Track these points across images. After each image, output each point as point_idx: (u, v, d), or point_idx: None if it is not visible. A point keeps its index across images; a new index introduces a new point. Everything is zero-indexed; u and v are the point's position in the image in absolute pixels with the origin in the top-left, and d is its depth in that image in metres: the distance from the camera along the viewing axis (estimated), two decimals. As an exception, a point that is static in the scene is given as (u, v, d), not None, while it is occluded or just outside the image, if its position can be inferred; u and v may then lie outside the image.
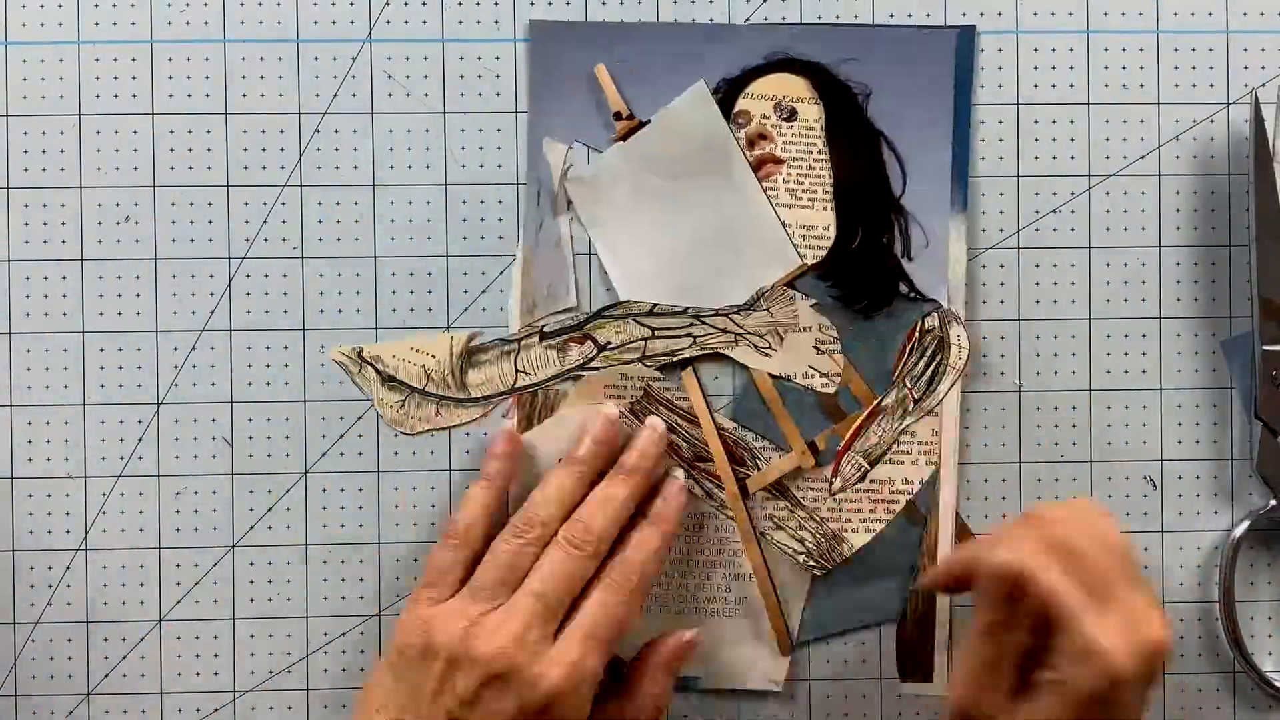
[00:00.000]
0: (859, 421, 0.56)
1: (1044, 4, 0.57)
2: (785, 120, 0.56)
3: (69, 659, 0.56)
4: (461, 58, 0.56)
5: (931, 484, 0.56)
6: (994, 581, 0.46)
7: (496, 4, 0.56)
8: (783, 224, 0.56)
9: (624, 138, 0.56)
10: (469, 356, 0.56)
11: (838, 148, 0.56)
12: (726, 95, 0.56)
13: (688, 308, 0.56)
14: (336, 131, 0.56)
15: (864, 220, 0.56)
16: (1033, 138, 0.57)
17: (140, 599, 0.56)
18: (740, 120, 0.56)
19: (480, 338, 0.56)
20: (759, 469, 0.56)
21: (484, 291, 0.56)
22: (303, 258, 0.56)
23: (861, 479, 0.56)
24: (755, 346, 0.56)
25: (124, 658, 0.56)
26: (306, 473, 0.56)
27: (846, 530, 0.56)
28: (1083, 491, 0.57)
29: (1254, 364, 0.56)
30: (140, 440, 0.56)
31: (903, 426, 0.56)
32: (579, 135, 0.56)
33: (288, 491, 0.56)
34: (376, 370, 0.56)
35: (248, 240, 0.56)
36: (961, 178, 0.56)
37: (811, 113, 0.56)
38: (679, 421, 0.56)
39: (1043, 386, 0.57)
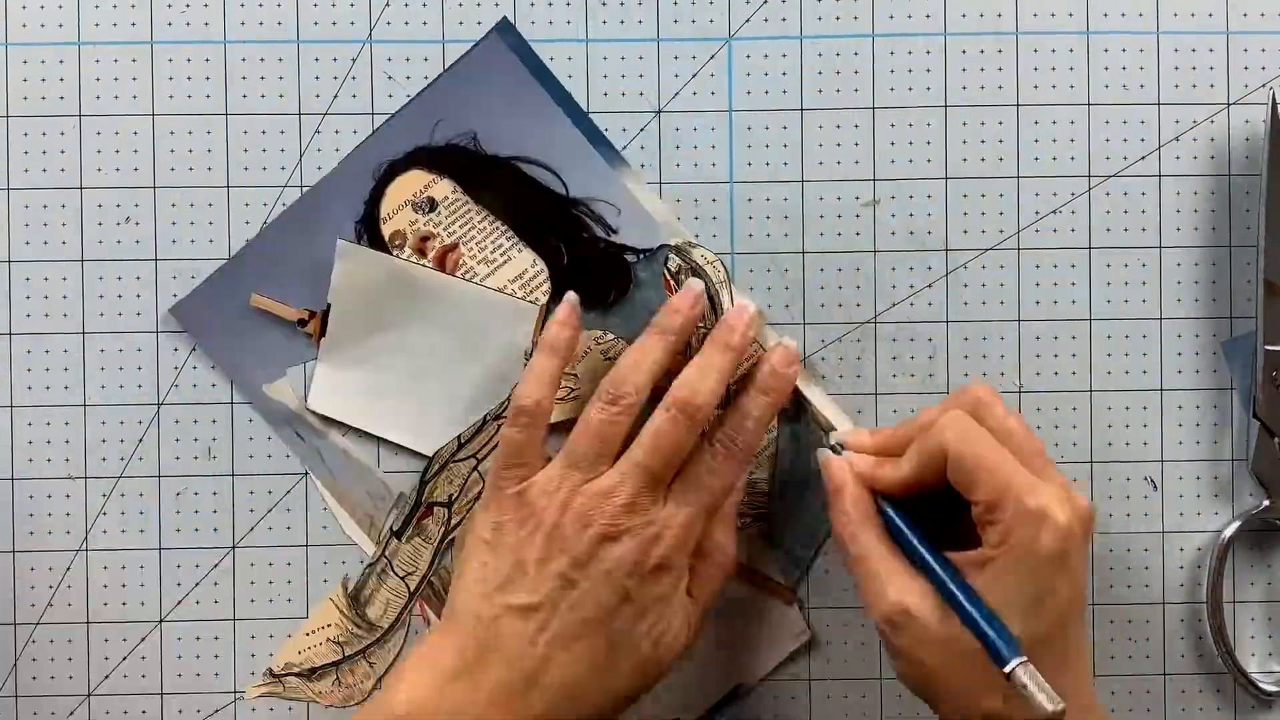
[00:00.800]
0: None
1: (1044, 4, 0.57)
2: (430, 212, 0.55)
3: (69, 659, 0.56)
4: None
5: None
6: (933, 461, 0.47)
7: (497, 5, 0.56)
8: (498, 289, 0.55)
9: (321, 337, 0.55)
10: (356, 599, 0.56)
11: (487, 199, 0.56)
12: (369, 231, 0.55)
13: (485, 417, 0.55)
14: (337, 132, 0.56)
15: (557, 236, 0.56)
16: (1033, 138, 0.57)
17: (141, 600, 0.56)
18: (397, 242, 0.55)
19: (352, 576, 0.56)
20: None
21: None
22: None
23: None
24: (579, 399, 0.55)
25: (124, 658, 0.56)
26: (307, 473, 0.56)
27: (754, 474, 0.56)
28: (1083, 492, 0.56)
29: (1254, 363, 0.56)
30: (140, 441, 0.56)
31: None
32: (284, 362, 0.56)
33: (288, 493, 0.56)
34: (296, 675, 0.56)
35: (248, 241, 0.56)
36: (601, 142, 0.55)
37: (444, 190, 0.56)
38: None
39: (1043, 387, 0.57)
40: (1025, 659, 0.43)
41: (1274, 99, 0.55)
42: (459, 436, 0.56)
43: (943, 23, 0.57)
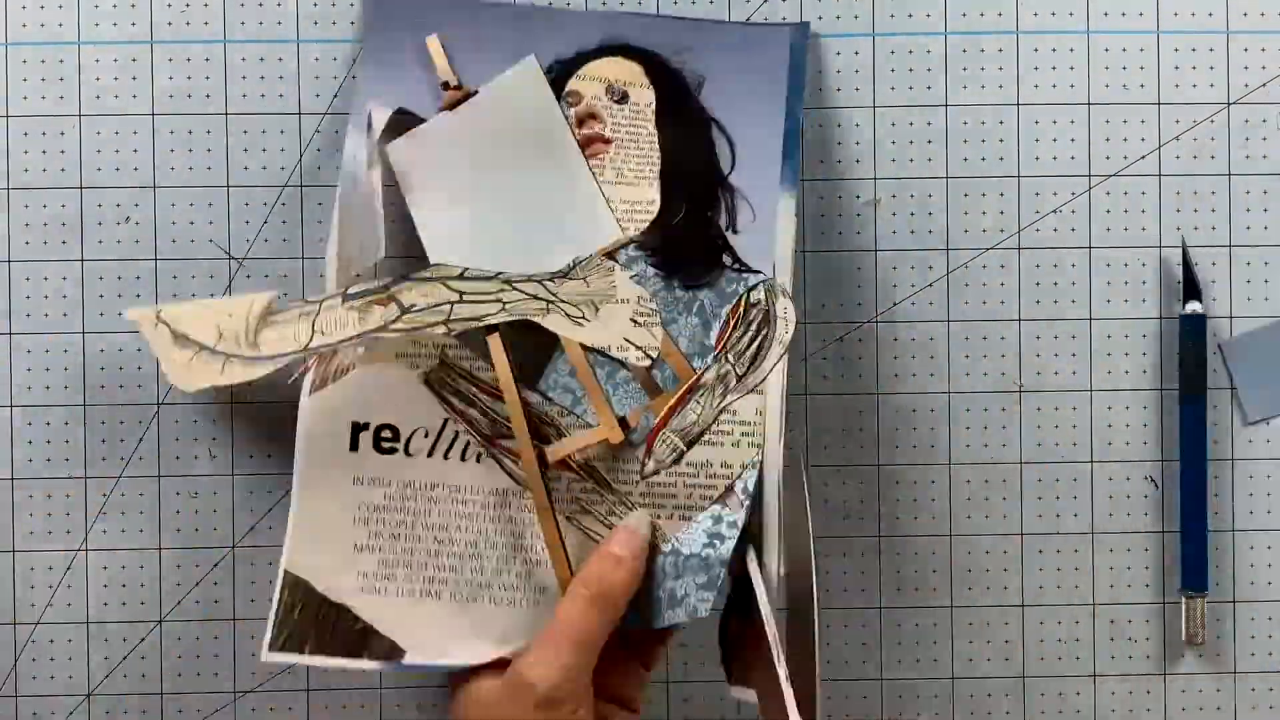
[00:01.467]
0: (676, 398, 0.52)
1: (1044, 4, 0.57)
2: (616, 102, 0.55)
3: (69, 659, 0.56)
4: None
5: (752, 467, 0.51)
6: None
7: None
8: (606, 199, 0.55)
9: (451, 108, 0.55)
10: (266, 317, 0.52)
11: (667, 131, 0.55)
12: (559, 75, 0.55)
13: (499, 273, 0.53)
14: (337, 132, 0.56)
15: (689, 195, 0.55)
16: (1033, 138, 0.57)
17: (140, 599, 0.56)
18: (571, 100, 0.55)
19: (282, 299, 0.53)
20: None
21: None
22: (303, 258, 0.56)
23: (677, 460, 0.51)
24: (568, 315, 0.53)
25: (124, 658, 0.56)
26: (307, 473, 0.56)
27: (661, 515, 0.51)
28: (1084, 492, 0.57)
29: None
30: (140, 441, 0.56)
31: (723, 405, 0.52)
32: (405, 102, 0.55)
33: (288, 493, 0.56)
34: (170, 329, 0.52)
35: (248, 241, 0.56)
36: (792, 157, 0.54)
37: (643, 96, 0.55)
38: (476, 393, 0.52)
39: (1043, 387, 0.57)
40: None
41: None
42: (464, 270, 0.53)
43: (943, 22, 0.57)
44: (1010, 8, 0.57)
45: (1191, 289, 0.56)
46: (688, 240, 0.54)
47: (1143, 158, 0.57)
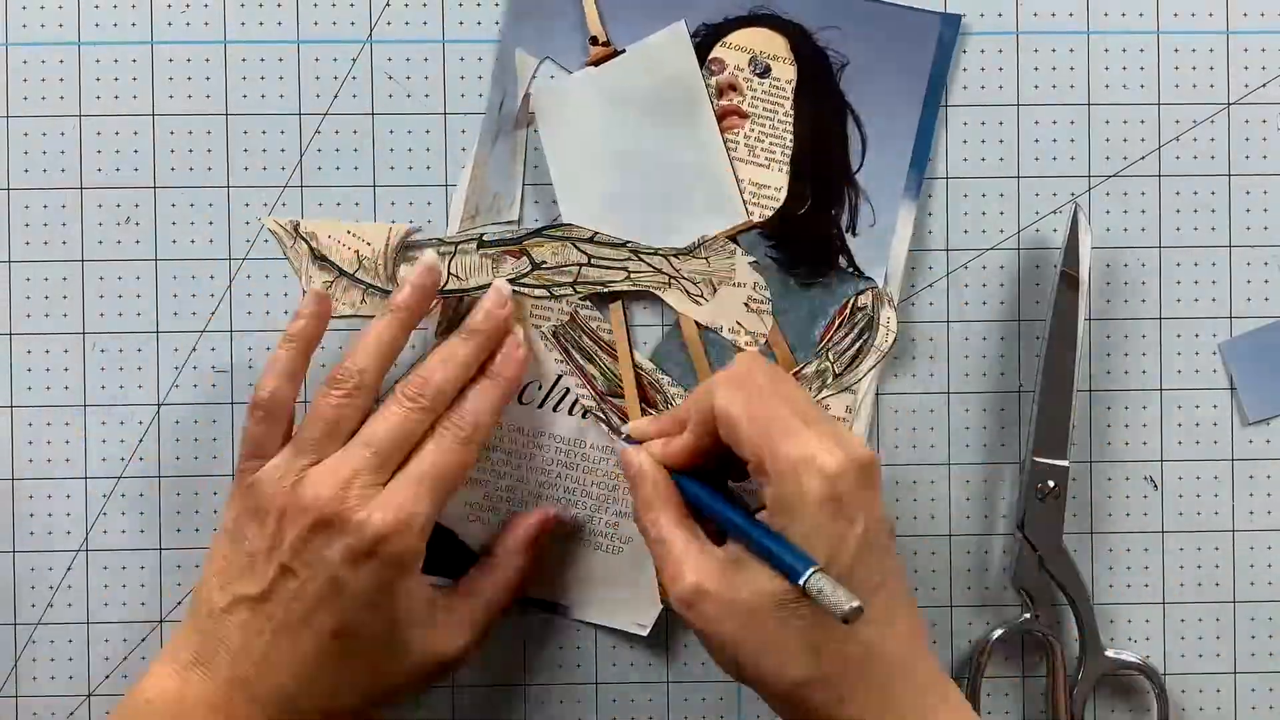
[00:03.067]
0: None
1: (1044, 4, 0.57)
2: (758, 75, 0.55)
3: (70, 660, 0.56)
4: (462, 58, 0.56)
5: None
6: (708, 425, 0.47)
7: (497, 4, 0.56)
8: (736, 178, 0.55)
9: (597, 64, 0.55)
10: (404, 250, 0.55)
11: (804, 112, 0.56)
12: (705, 40, 0.55)
13: (628, 242, 0.55)
14: (337, 132, 0.56)
15: (816, 189, 0.56)
16: (1033, 138, 0.57)
17: (141, 600, 0.56)
18: (714, 67, 0.55)
19: (419, 234, 0.55)
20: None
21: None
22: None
23: None
24: (688, 292, 0.55)
25: (125, 658, 0.56)
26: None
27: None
28: (1083, 492, 0.57)
29: (1022, 477, 0.55)
30: (141, 441, 0.56)
31: (818, 398, 0.55)
32: (553, 53, 0.55)
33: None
34: (310, 246, 0.55)
35: (248, 241, 0.56)
36: (919, 165, 0.56)
37: (785, 72, 0.55)
38: (599, 352, 0.55)
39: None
40: (818, 567, 0.43)
41: (1075, 211, 0.55)
42: (595, 234, 0.55)
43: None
44: (1010, 7, 0.57)
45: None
46: (808, 236, 0.56)
47: (1142, 158, 0.57)
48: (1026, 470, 0.55)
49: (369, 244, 0.55)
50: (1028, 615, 0.55)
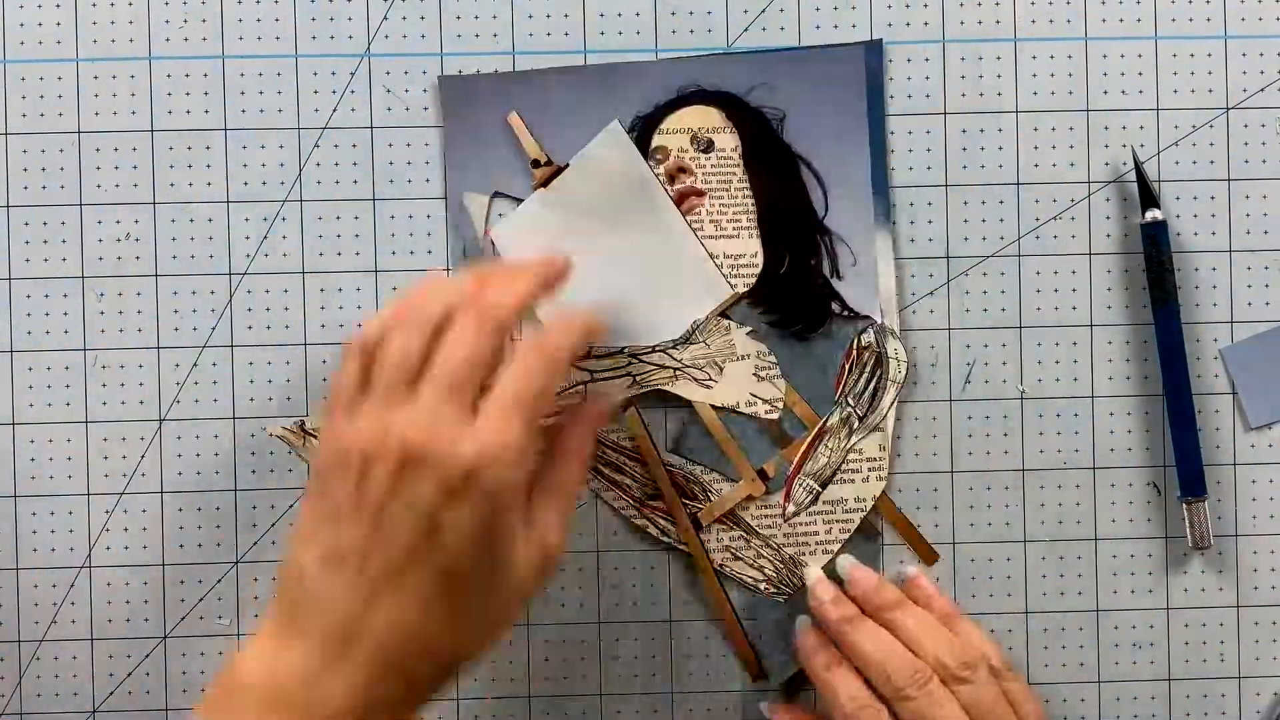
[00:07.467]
0: (805, 444, 0.56)
1: (1042, 11, 0.57)
2: (703, 152, 0.56)
3: (74, 676, 0.56)
4: (460, 71, 0.56)
5: (884, 499, 0.56)
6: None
7: (495, 17, 0.56)
8: (710, 255, 0.56)
9: (544, 184, 0.55)
10: None
11: (757, 175, 0.56)
12: (642, 132, 0.56)
13: (624, 348, 0.55)
14: (336, 146, 0.56)
15: (790, 244, 0.56)
16: (1032, 145, 0.57)
17: (144, 616, 0.56)
18: (658, 156, 0.56)
19: None
20: (710, 501, 0.56)
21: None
22: (303, 273, 0.56)
23: (814, 501, 0.56)
24: (695, 379, 0.56)
25: (129, 675, 0.56)
26: (309, 487, 0.56)
27: (805, 554, 0.56)
28: (1086, 499, 0.57)
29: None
30: (143, 457, 0.56)
31: (849, 445, 0.56)
32: (499, 185, 0.56)
33: (291, 506, 0.56)
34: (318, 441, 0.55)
35: (248, 256, 0.56)
36: (881, 190, 0.56)
37: (728, 142, 0.56)
38: (625, 461, 0.56)
39: (1044, 393, 0.57)
40: None
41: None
42: (590, 349, 0.55)
43: (941, 29, 0.57)
44: (1008, 14, 0.57)
45: (1148, 198, 0.55)
46: (795, 291, 0.56)
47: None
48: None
49: None
50: None
